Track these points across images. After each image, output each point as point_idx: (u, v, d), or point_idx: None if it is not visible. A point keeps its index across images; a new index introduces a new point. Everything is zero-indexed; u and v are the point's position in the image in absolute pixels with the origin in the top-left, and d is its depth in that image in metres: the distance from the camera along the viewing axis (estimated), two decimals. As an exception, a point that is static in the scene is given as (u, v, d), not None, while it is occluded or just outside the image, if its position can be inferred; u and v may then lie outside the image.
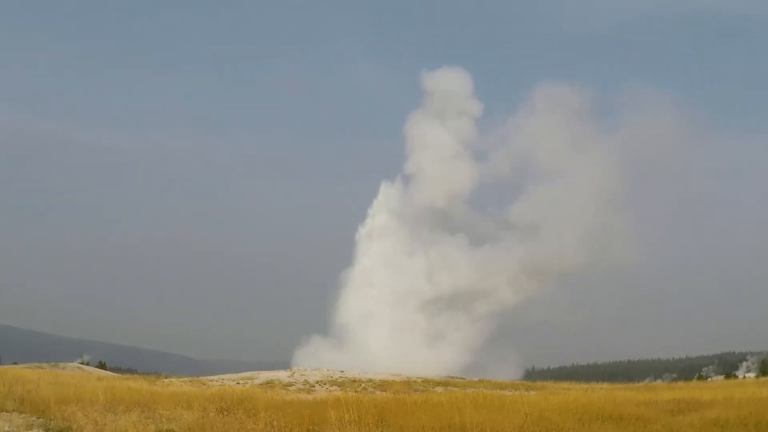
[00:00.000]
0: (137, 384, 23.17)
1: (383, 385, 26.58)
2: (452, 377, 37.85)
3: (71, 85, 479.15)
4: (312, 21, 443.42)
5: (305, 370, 31.87)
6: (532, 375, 74.71)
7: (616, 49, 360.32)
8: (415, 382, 29.17)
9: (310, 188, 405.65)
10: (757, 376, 62.61)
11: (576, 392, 23.69)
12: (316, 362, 41.10)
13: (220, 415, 13.67)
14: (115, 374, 46.18)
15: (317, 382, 27.37)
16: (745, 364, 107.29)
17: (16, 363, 59.69)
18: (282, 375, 29.93)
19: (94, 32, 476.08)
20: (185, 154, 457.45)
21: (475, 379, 36.00)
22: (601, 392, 23.66)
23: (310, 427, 12.70)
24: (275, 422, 12.39)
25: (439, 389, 26.10)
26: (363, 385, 26.84)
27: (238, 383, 26.47)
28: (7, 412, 13.60)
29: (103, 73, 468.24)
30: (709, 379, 69.71)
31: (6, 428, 12.27)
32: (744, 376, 73.40)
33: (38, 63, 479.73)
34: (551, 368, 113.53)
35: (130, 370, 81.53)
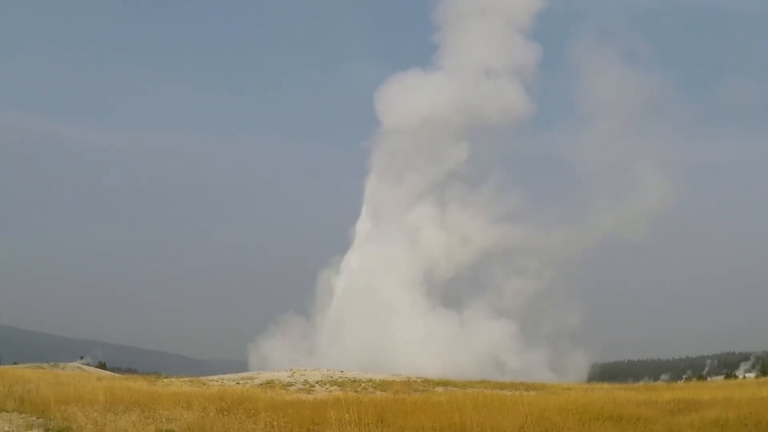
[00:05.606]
0: (137, 384, 23.15)
1: (383, 385, 26.58)
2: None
3: (74, 85, 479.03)
4: (313, 21, 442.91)
5: (305, 370, 31.77)
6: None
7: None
8: (415, 382, 29.16)
9: (313, 189, 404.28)
10: (757, 376, 62.64)
11: (576, 392, 23.68)
12: (316, 362, 40.24)
13: (220, 415, 13.67)
14: (115, 374, 46.25)
15: (317, 382, 27.35)
16: (745, 364, 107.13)
17: (16, 363, 59.74)
18: (282, 375, 29.89)
19: (96, 32, 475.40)
20: (187, 154, 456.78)
21: (476, 380, 35.81)
22: (601, 392, 23.66)
23: (310, 427, 12.70)
24: (275, 422, 12.39)
25: (439, 389, 26.11)
26: (363, 385, 26.84)
27: (238, 383, 26.45)
28: (7, 412, 13.60)
29: (105, 73, 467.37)
30: (709, 379, 69.67)
31: (6, 428, 12.27)
32: (744, 376, 73.37)
33: (43, 63, 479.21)
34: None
35: (130, 370, 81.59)
